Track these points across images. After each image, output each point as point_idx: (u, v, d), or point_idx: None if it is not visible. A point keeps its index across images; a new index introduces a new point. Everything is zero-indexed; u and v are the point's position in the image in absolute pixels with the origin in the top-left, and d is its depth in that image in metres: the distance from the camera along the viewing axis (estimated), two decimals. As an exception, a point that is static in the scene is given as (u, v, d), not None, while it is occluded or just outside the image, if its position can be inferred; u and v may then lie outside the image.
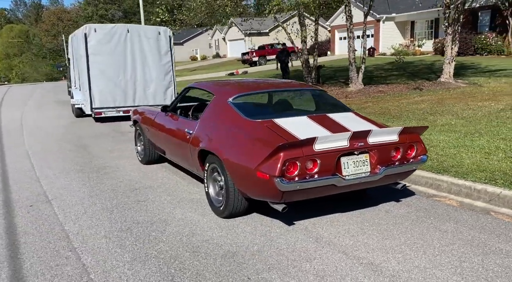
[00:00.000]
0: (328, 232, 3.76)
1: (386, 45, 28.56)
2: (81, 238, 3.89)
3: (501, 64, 18.40)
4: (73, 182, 5.75)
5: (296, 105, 4.80)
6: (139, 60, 11.29)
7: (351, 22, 12.79)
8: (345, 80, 16.00)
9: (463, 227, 3.76)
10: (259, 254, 3.41)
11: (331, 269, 3.11)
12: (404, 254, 3.29)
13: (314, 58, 14.87)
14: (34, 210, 4.70)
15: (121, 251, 3.58)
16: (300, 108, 4.75)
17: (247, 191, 3.80)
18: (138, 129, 6.50)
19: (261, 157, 3.47)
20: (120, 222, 4.24)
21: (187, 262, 3.33)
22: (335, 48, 35.26)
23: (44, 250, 3.67)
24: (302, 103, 4.93)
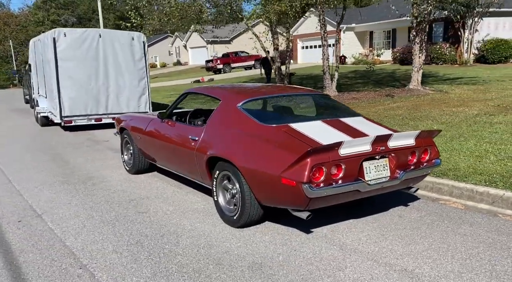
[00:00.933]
0: (349, 239, 3.70)
1: (347, 54, 29.29)
2: (88, 254, 3.63)
3: (456, 73, 19.26)
4: (60, 194, 5.39)
5: (304, 110, 4.74)
6: (112, 66, 10.89)
7: (325, 30, 12.97)
8: (316, 87, 16.18)
9: (480, 230, 3.81)
10: (287, 264, 3.29)
11: (367, 277, 3.05)
12: (434, 259, 3.27)
13: (286, 66, 14.94)
14: (24, 225, 4.35)
15: (138, 266, 3.36)
16: (309, 112, 4.69)
17: (267, 199, 3.68)
18: (126, 137, 6.21)
19: (286, 162, 3.37)
20: (127, 235, 3.99)
21: (213, 276, 3.16)
22: (297, 56, 35.77)
23: (50, 269, 3.39)
24: (310, 107, 4.87)
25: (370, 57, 28.57)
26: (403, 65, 24.12)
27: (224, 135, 4.16)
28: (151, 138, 5.40)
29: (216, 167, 4.16)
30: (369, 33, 30.64)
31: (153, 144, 5.37)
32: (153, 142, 5.34)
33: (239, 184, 3.84)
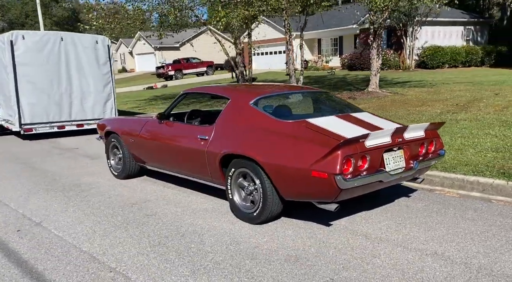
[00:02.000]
0: (370, 229, 3.84)
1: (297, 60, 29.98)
2: (112, 257, 3.50)
3: (403, 77, 20.33)
4: (51, 202, 5.13)
5: (312, 106, 4.84)
6: (75, 71, 10.45)
7: (290, 34, 13.23)
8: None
9: (485, 214, 4.09)
10: (322, 255, 3.37)
11: (403, 262, 3.19)
12: (457, 243, 3.48)
13: (249, 70, 15.08)
14: (26, 234, 4.11)
15: (172, 266, 3.29)
16: (318, 109, 4.79)
17: (292, 193, 3.74)
18: (114, 141, 6.01)
19: (315, 156, 3.46)
20: (145, 237, 3.89)
21: (254, 270, 3.17)
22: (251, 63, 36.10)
23: (77, 274, 3.24)
24: (316, 104, 4.97)
25: (320, 63, 29.47)
26: (352, 70, 25.08)
27: (239, 133, 4.17)
28: (148, 141, 5.27)
29: (231, 164, 4.16)
30: (317, 41, 31.59)
31: (150, 146, 5.25)
32: (151, 144, 5.22)
33: (260, 180, 3.87)
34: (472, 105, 9.85)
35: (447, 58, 24.63)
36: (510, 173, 4.96)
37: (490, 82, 15.40)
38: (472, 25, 28.68)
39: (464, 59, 25.29)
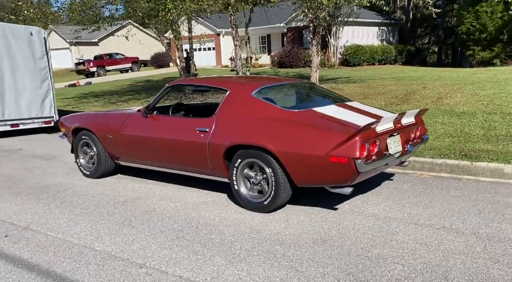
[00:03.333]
0: (375, 210, 4.10)
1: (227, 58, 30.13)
2: (134, 254, 3.38)
3: (332, 74, 21.37)
4: (28, 205, 4.76)
5: (306, 97, 4.96)
6: (8, 66, 9.61)
7: (236, 31, 13.27)
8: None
9: (465, 191, 4.53)
10: (345, 236, 3.54)
11: (422, 237, 3.46)
12: (457, 216, 3.85)
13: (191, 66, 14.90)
14: (19, 239, 3.80)
15: (203, 257, 3.27)
16: (313, 99, 4.93)
17: (307, 180, 3.87)
18: (85, 139, 5.67)
19: (332, 142, 3.62)
20: (158, 233, 3.79)
21: (289, 254, 3.25)
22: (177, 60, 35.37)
23: (106, 273, 3.10)
24: (308, 94, 5.07)
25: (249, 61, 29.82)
26: (282, 68, 25.75)
27: (244, 123, 4.20)
28: (132, 137, 5.07)
29: (237, 156, 4.19)
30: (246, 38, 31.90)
31: (135, 142, 5.05)
32: (136, 140, 5.03)
33: (272, 169, 3.95)
34: (410, 98, 10.69)
35: (366, 56, 26.29)
36: (471, 154, 5.53)
37: (412, 78, 16.72)
38: (385, 26, 30.88)
39: (380, 57, 27.16)
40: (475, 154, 5.53)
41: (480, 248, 3.20)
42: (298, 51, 26.06)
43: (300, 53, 26.08)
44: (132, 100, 15.09)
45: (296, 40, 28.47)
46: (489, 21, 24.23)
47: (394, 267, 2.96)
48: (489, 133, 6.51)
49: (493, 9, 24.24)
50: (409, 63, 29.59)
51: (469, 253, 3.13)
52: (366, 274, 2.90)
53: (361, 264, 3.04)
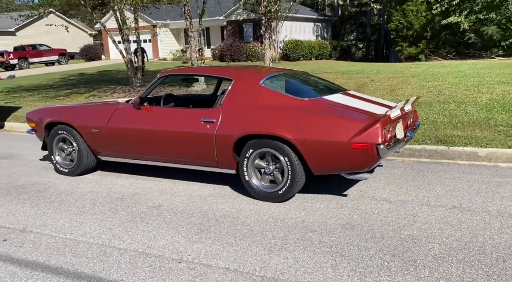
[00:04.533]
0: (383, 194, 4.24)
1: (165, 50, 29.37)
2: (165, 249, 3.24)
3: (274, 67, 21.71)
4: (13, 207, 4.35)
5: (307, 85, 4.94)
6: None
7: (191, 22, 12.92)
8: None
9: (455, 174, 4.83)
10: (370, 220, 3.63)
11: (441, 216, 3.64)
12: (462, 197, 4.09)
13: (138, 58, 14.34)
14: (22, 243, 3.48)
15: (241, 249, 3.21)
16: (313, 88, 4.94)
17: (325, 167, 3.90)
18: (62, 134, 5.27)
19: (353, 129, 3.70)
20: (177, 227, 3.65)
21: (325, 240, 3.28)
22: (109, 52, 33.85)
23: (145, 270, 2.93)
24: (308, 83, 5.02)
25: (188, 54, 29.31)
26: (223, 61, 25.67)
27: (255, 113, 4.14)
28: (123, 129, 4.79)
29: (248, 146, 4.13)
30: (183, 31, 31.29)
31: (127, 136, 4.78)
32: (129, 133, 4.76)
33: (289, 158, 3.95)
34: (364, 90, 11.14)
35: (305, 51, 26.98)
36: (445, 140, 5.91)
37: (353, 72, 17.43)
38: (319, 23, 31.87)
39: (317, 52, 28.03)
40: (448, 139, 5.90)
41: (498, 224, 3.44)
42: (240, 45, 26.11)
43: (242, 46, 26.15)
44: (74, 95, 14.21)
45: (236, 33, 28.47)
46: (415, 19, 25.86)
47: (431, 246, 3.10)
48: (453, 120, 6.99)
49: (418, 8, 25.91)
50: (342, 58, 30.82)
51: (491, 229, 3.36)
52: (409, 254, 3.00)
53: (399, 245, 3.15)
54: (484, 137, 5.90)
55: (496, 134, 6.03)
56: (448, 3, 24.78)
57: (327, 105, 4.08)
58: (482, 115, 7.17)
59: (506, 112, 7.40)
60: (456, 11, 24.94)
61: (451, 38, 26.19)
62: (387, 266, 2.85)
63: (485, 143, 5.68)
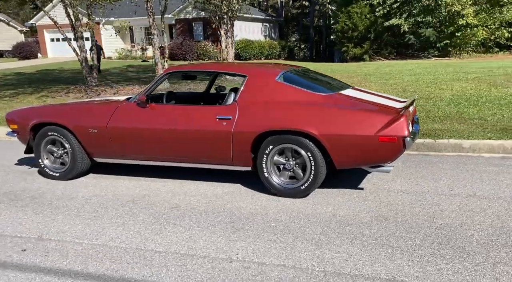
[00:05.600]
0: (398, 187, 4.36)
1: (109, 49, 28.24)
2: (209, 250, 3.14)
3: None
4: (14, 215, 4.00)
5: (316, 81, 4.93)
6: None
7: (154, 19, 12.48)
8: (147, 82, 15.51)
9: (452, 165, 5.06)
10: (400, 211, 3.71)
11: (462, 205, 3.80)
12: (471, 186, 4.29)
13: (92, 58, 13.69)
14: (47, 252, 3.22)
15: (289, 246, 3.18)
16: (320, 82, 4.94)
17: (350, 161, 3.95)
18: (52, 135, 4.91)
19: (379, 123, 3.77)
20: (210, 226, 3.55)
21: (366, 232, 3.33)
22: (46, 50, 31.94)
23: (198, 271, 2.83)
24: (316, 78, 4.99)
25: (136, 52, 28.45)
26: (174, 60, 25.14)
27: (275, 109, 4.10)
28: (128, 129, 4.56)
29: (268, 142, 4.08)
30: (129, 29, 30.30)
31: (133, 135, 4.55)
32: (134, 133, 4.54)
33: (312, 152, 3.96)
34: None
35: (256, 51, 27.17)
36: (429, 133, 6.20)
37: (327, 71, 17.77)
38: (267, 23, 32.22)
39: (267, 52, 28.33)
40: (432, 133, 6.20)
41: (517, 209, 3.68)
42: (190, 44, 25.75)
43: (192, 45, 25.80)
44: (22, 95, 13.29)
45: (186, 32, 28.02)
46: (360, 21, 26.94)
47: (471, 234, 3.23)
48: (429, 115, 7.34)
49: (362, 11, 27.02)
50: (290, 58, 31.36)
51: (513, 214, 3.58)
52: (454, 242, 3.11)
53: (440, 234, 3.25)
54: (464, 130, 6.25)
55: (473, 127, 6.42)
56: (389, 6, 26.06)
57: (346, 100, 4.14)
58: (453, 110, 7.61)
59: (474, 106, 7.91)
60: (397, 14, 26.29)
61: (393, 40, 27.54)
62: (440, 254, 2.93)
63: (466, 135, 6.03)
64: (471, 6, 24.28)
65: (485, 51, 26.00)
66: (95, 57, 14.15)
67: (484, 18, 24.85)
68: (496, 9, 24.81)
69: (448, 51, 25.96)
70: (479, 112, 7.41)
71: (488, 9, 25.05)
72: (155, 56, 12.74)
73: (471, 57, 25.09)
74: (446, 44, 25.72)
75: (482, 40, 25.29)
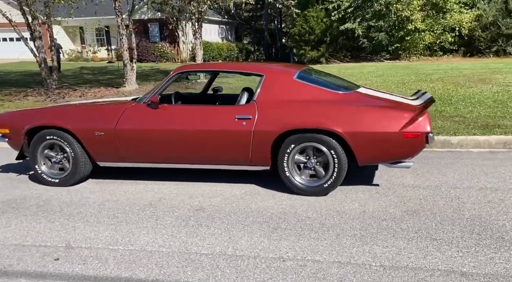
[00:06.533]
0: (410, 182, 4.48)
1: (54, 50, 26.93)
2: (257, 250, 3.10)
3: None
4: (25, 223, 3.75)
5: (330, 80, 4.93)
6: None
7: (122, 19, 12.07)
8: (100, 82, 14.90)
9: (450, 160, 5.29)
10: (426, 205, 3.81)
11: (478, 197, 3.97)
12: (479, 179, 4.48)
13: (52, 59, 13.05)
14: (83, 259, 3.04)
15: (334, 243, 3.19)
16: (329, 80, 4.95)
17: (374, 157, 4.03)
18: (52, 139, 4.62)
19: (403, 120, 3.88)
20: (246, 227, 3.50)
21: (404, 227, 3.40)
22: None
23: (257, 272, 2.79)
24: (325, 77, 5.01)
25: (87, 54, 27.39)
26: (131, 62, 24.47)
27: (296, 107, 4.09)
28: (140, 131, 4.39)
29: (290, 141, 4.08)
30: (79, 29, 29.10)
31: (146, 137, 4.38)
32: (148, 135, 4.37)
33: (335, 150, 4.00)
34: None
35: (214, 53, 27.01)
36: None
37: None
38: (224, 25, 32.17)
39: (226, 54, 28.27)
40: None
41: (531, 199, 3.90)
42: (147, 45, 25.18)
43: (149, 47, 25.24)
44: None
45: (141, 33, 27.32)
46: (316, 25, 27.52)
47: (502, 224, 3.39)
48: (412, 115, 7.63)
49: (318, 15, 27.62)
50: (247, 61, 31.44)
51: (530, 203, 3.80)
52: (491, 232, 3.24)
53: (474, 225, 3.37)
54: (449, 127, 6.57)
55: (456, 124, 6.76)
56: (344, 10, 26.81)
57: (366, 98, 4.23)
58: (432, 109, 7.92)
59: (448, 105, 8.34)
60: (351, 19, 27.09)
61: (347, 43, 28.35)
62: (484, 244, 3.06)
63: (453, 131, 6.33)
64: (419, 12, 25.52)
65: (431, 55, 27.39)
66: (54, 58, 13.51)
67: (431, 23, 26.19)
68: (440, 15, 26.22)
69: (398, 54, 27.08)
70: (457, 110, 7.81)
71: (433, 15, 26.42)
72: (124, 57, 12.37)
73: (420, 60, 26.34)
74: (396, 48, 26.81)
75: (429, 44, 26.64)
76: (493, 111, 7.54)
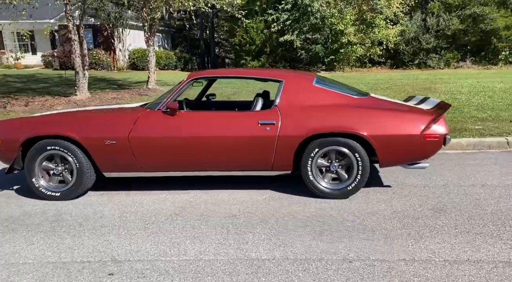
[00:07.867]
0: (419, 182, 4.69)
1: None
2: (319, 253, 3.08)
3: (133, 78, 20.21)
4: (46, 240, 3.44)
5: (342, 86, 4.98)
6: None
7: (74, 23, 11.34)
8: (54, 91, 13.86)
9: (444, 161, 5.59)
10: (448, 203, 4.01)
11: (490, 193, 4.26)
12: (485, 177, 4.78)
13: None
14: (142, 273, 2.87)
15: (381, 243, 3.28)
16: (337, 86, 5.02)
17: (395, 159, 4.19)
18: (53, 149, 4.25)
19: (422, 123, 4.08)
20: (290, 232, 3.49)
21: (437, 225, 3.57)
22: None
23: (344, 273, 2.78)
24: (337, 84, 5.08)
25: (8, 61, 25.29)
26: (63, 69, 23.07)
27: (319, 112, 4.15)
28: (158, 139, 4.19)
29: (314, 145, 4.12)
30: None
31: (164, 145, 4.19)
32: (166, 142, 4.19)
33: (359, 153, 4.11)
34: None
35: (154, 61, 26.32)
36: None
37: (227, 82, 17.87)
38: (160, 33, 31.49)
39: (164, 62, 27.70)
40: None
41: (536, 194, 4.26)
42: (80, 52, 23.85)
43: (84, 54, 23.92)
44: None
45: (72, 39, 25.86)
46: (256, 35, 27.98)
47: (523, 215, 3.70)
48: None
49: (258, 26, 28.12)
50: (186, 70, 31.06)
51: (538, 198, 4.15)
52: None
53: (501, 219, 3.62)
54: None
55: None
56: (283, 23, 27.54)
57: (383, 102, 4.40)
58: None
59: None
60: (290, 31, 27.89)
61: (287, 54, 29.11)
62: (521, 234, 3.31)
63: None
64: (352, 26, 26.95)
65: (361, 66, 29.03)
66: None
67: (362, 37, 27.75)
68: (369, 29, 27.91)
69: (334, 65, 28.32)
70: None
71: (364, 29, 28.03)
72: (75, 64, 11.73)
73: (353, 71, 27.79)
74: (332, 59, 28.01)
75: (360, 56, 28.21)
76: (454, 117, 8.13)
